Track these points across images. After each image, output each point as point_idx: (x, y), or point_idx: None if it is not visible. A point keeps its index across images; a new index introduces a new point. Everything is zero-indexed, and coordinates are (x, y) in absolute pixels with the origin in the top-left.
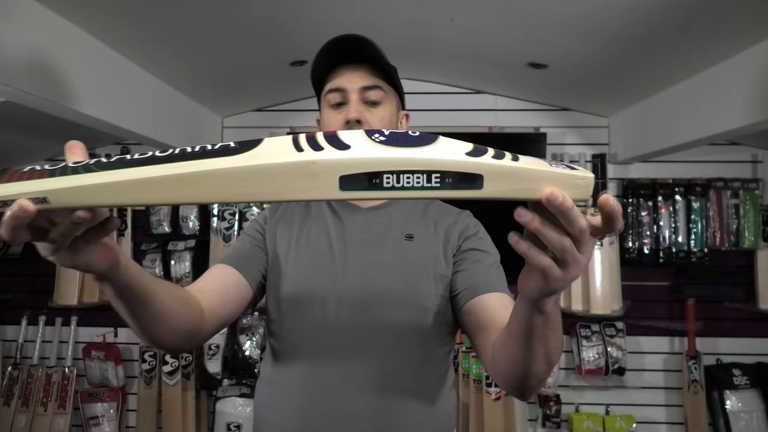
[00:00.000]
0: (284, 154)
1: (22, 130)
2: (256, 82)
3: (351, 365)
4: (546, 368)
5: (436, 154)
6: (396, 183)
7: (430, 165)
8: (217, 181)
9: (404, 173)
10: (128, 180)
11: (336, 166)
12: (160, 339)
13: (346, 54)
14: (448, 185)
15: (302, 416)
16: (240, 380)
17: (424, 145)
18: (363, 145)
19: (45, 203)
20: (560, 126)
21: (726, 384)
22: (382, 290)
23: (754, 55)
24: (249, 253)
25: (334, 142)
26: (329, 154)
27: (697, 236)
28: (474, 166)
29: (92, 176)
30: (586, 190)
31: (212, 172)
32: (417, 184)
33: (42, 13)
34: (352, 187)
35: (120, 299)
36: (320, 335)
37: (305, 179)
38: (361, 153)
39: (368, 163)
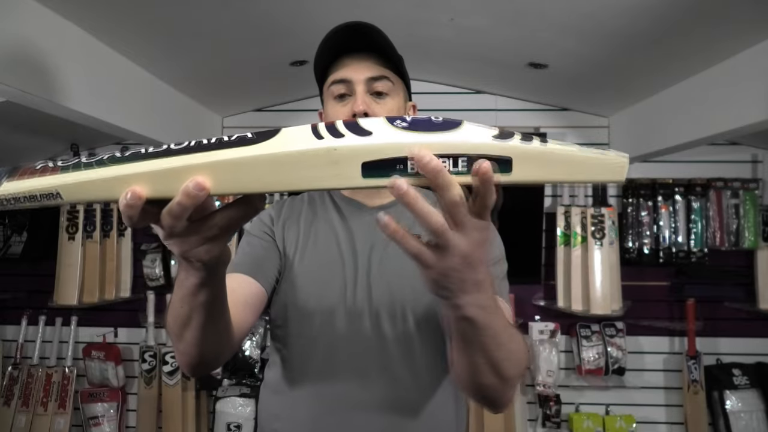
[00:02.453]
0: (304, 142)
1: (22, 130)
2: (256, 82)
3: (362, 376)
4: (497, 381)
5: (463, 138)
6: (411, 168)
7: (457, 149)
8: (235, 170)
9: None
10: (143, 172)
11: (358, 153)
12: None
13: (352, 43)
14: None
15: (313, 429)
16: (240, 380)
17: (449, 130)
18: (385, 131)
19: (58, 198)
20: (560, 126)
21: (726, 384)
22: (393, 298)
23: (754, 55)
24: (262, 257)
25: (355, 129)
26: (351, 141)
27: (697, 236)
28: (502, 149)
29: (105, 170)
30: (621, 172)
31: (231, 161)
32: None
33: (41, 12)
34: (376, 174)
35: (208, 305)
36: (330, 345)
37: (327, 167)
38: (384, 139)
39: (391, 149)
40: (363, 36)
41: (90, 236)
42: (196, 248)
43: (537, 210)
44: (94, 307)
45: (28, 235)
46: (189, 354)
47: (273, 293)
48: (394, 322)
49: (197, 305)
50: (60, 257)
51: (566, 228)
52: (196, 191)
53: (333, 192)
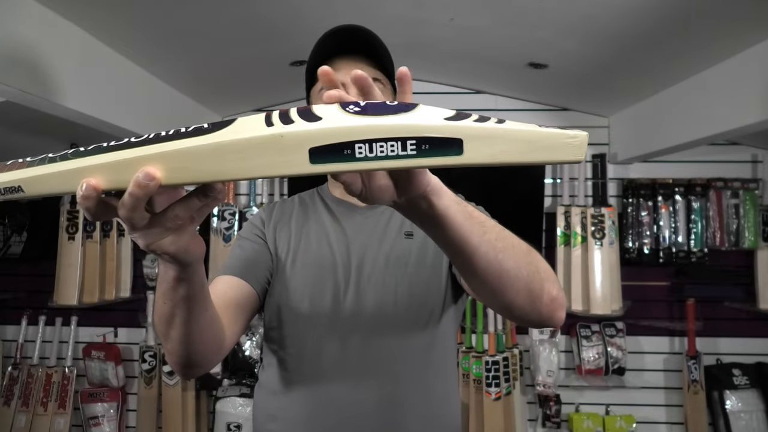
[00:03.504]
0: (254, 130)
1: (22, 130)
2: (256, 82)
3: (357, 376)
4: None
5: (412, 120)
6: (369, 153)
7: (405, 131)
8: (185, 160)
9: (377, 142)
10: (98, 164)
11: (305, 138)
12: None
13: (343, 45)
14: (425, 152)
15: (308, 429)
16: (240, 380)
17: (401, 113)
18: (335, 116)
19: (20, 192)
20: (560, 126)
21: (726, 384)
22: (387, 298)
23: (754, 55)
24: (253, 260)
25: (306, 115)
26: (298, 127)
27: (697, 236)
28: (452, 130)
29: (66, 164)
30: (580, 149)
31: (180, 151)
32: (391, 152)
33: (41, 12)
34: (324, 160)
35: (189, 300)
36: (324, 345)
37: (274, 154)
38: (331, 123)
39: (338, 133)
40: (355, 38)
41: (90, 236)
42: (159, 240)
43: (537, 210)
44: (94, 307)
45: (28, 235)
46: (177, 353)
47: (266, 295)
48: (387, 321)
49: (178, 301)
50: (60, 257)
51: (566, 228)
52: (146, 181)
53: (324, 193)
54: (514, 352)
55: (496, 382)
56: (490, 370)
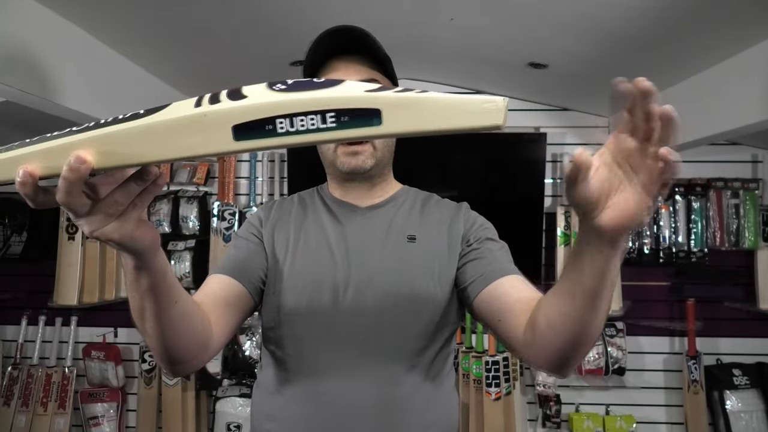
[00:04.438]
0: (177, 112)
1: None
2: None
3: (355, 376)
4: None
5: (331, 93)
6: (290, 127)
7: (324, 104)
8: (114, 143)
9: (297, 116)
10: (36, 151)
11: (227, 116)
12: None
13: (341, 46)
14: (345, 124)
15: (306, 429)
16: (240, 380)
17: (321, 88)
18: (259, 94)
19: None
20: (560, 126)
21: (726, 384)
22: (387, 300)
23: (754, 55)
24: (247, 260)
25: (233, 95)
26: (222, 106)
27: (697, 236)
28: (370, 101)
29: (9, 153)
30: (498, 114)
31: (109, 134)
32: (312, 126)
33: (41, 12)
34: (247, 137)
35: (153, 291)
36: (323, 345)
37: (198, 133)
38: (254, 100)
39: (259, 109)
40: (351, 39)
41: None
42: (103, 227)
43: (537, 210)
44: (94, 307)
45: (28, 235)
46: (155, 348)
47: (260, 295)
48: (386, 322)
49: (143, 292)
50: (60, 257)
51: (566, 228)
52: (77, 164)
53: (324, 193)
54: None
55: (496, 382)
56: (490, 370)
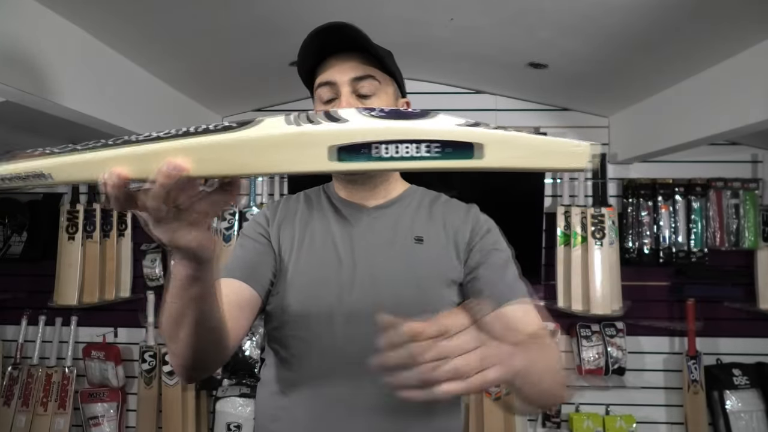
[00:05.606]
0: (275, 128)
1: (22, 130)
2: (256, 82)
3: (360, 378)
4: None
5: (432, 125)
6: (385, 152)
7: (425, 134)
8: (208, 153)
9: (396, 143)
10: (125, 155)
11: (327, 136)
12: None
13: (334, 44)
14: (446, 154)
15: (311, 431)
16: (240, 380)
17: (416, 118)
18: (356, 119)
19: (48, 179)
20: (560, 126)
21: (726, 384)
22: (393, 302)
23: (754, 55)
24: (255, 261)
25: (329, 116)
26: (320, 126)
27: (697, 236)
28: (471, 135)
29: (93, 153)
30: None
31: (204, 144)
32: (406, 153)
33: (41, 12)
34: (343, 158)
35: (200, 300)
36: (328, 346)
37: (295, 150)
38: (352, 125)
39: (358, 133)
40: (345, 36)
41: (90, 236)
42: (184, 235)
43: (537, 210)
44: (94, 307)
45: (28, 235)
46: (183, 355)
47: (269, 294)
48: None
49: (189, 300)
50: (60, 257)
51: (566, 228)
52: (175, 171)
53: (330, 192)
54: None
55: None
56: None
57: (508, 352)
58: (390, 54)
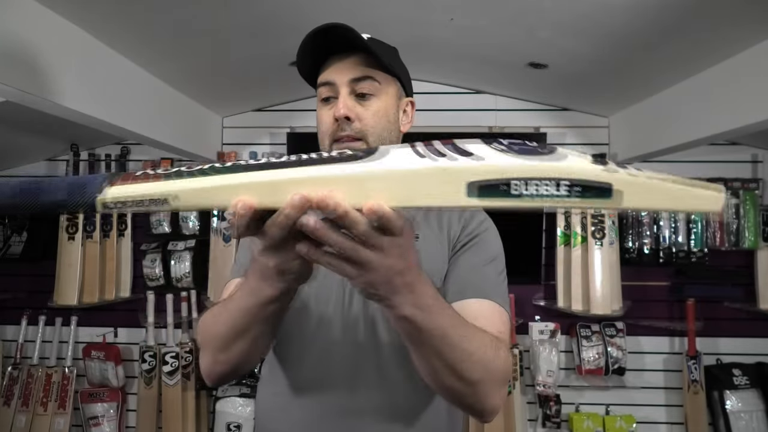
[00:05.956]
0: (409, 161)
1: (22, 130)
2: (256, 82)
3: (357, 382)
4: (460, 384)
5: (565, 163)
6: (524, 190)
7: (560, 173)
8: (339, 185)
9: (532, 180)
10: (249, 183)
11: (463, 173)
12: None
13: (334, 43)
14: (577, 194)
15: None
16: (240, 380)
17: (546, 154)
18: (486, 153)
19: (165, 204)
20: (560, 126)
21: (726, 384)
22: None
23: (754, 55)
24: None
25: (454, 149)
26: (455, 162)
27: (697, 236)
28: (604, 176)
29: (210, 179)
30: (717, 203)
31: (333, 177)
32: (545, 192)
33: (41, 12)
34: (479, 194)
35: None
36: (326, 349)
37: (433, 184)
38: (487, 161)
39: (500, 170)
40: (343, 36)
41: (90, 236)
42: (293, 261)
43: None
44: (94, 307)
45: (28, 235)
46: (230, 363)
47: None
48: (390, 327)
49: (263, 317)
50: (60, 257)
51: (566, 228)
52: (303, 203)
53: None
54: (514, 352)
55: None
56: None
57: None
58: (395, 52)
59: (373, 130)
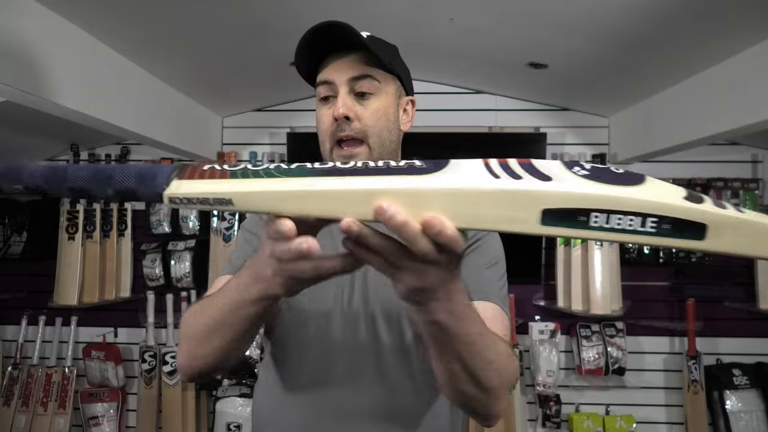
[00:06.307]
0: (480, 180)
1: (22, 130)
2: (256, 82)
3: (357, 382)
4: (477, 391)
5: (653, 196)
6: (605, 223)
7: (647, 208)
8: (416, 200)
9: (616, 213)
10: (316, 190)
11: (542, 199)
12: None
13: (333, 42)
14: (665, 232)
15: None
16: (240, 380)
17: (633, 185)
18: (566, 178)
19: (229, 205)
20: (560, 126)
21: (726, 384)
22: (387, 302)
23: (754, 55)
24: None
25: (532, 171)
26: (532, 185)
27: None
28: (698, 214)
29: (276, 182)
30: None
31: (414, 191)
32: (628, 226)
33: (41, 12)
34: (555, 223)
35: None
36: (325, 350)
37: (505, 209)
38: (567, 187)
39: (576, 199)
40: (341, 35)
41: (90, 236)
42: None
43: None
44: (94, 307)
45: (28, 235)
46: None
47: None
48: (390, 327)
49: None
50: (60, 257)
51: None
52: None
53: None
54: (515, 352)
55: None
56: None
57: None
58: (395, 50)
59: (373, 130)
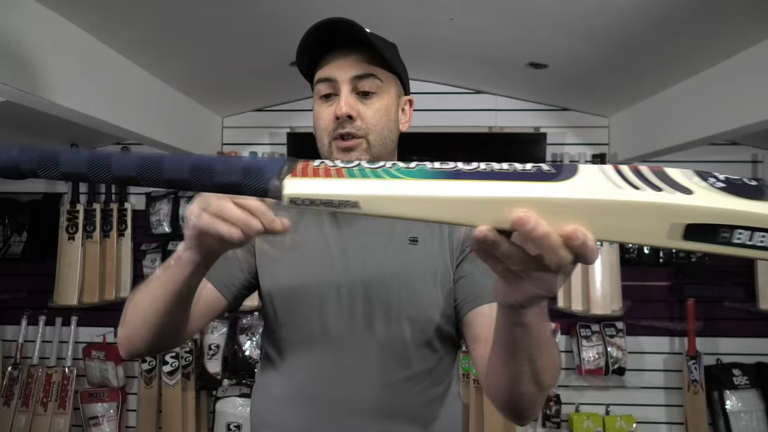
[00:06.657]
0: (620, 191)
1: (22, 130)
2: (256, 82)
3: (355, 381)
4: (535, 389)
5: None
6: (748, 240)
7: None
8: (544, 209)
9: (760, 231)
10: (451, 198)
11: (687, 214)
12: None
13: (336, 39)
14: None
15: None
16: (240, 380)
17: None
18: (708, 192)
19: (356, 208)
20: (560, 126)
21: (726, 384)
22: (386, 301)
23: (754, 55)
24: (227, 262)
25: (670, 182)
26: (676, 199)
27: None
28: None
29: (403, 185)
30: None
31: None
32: None
33: (41, 12)
34: (696, 238)
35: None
36: (320, 349)
37: (648, 222)
38: (713, 202)
39: (724, 215)
40: (347, 31)
41: (90, 236)
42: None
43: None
44: (94, 307)
45: (28, 235)
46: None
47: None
48: (388, 325)
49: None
50: (60, 257)
51: None
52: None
53: None
54: None
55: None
56: None
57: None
58: (394, 48)
59: (375, 129)
